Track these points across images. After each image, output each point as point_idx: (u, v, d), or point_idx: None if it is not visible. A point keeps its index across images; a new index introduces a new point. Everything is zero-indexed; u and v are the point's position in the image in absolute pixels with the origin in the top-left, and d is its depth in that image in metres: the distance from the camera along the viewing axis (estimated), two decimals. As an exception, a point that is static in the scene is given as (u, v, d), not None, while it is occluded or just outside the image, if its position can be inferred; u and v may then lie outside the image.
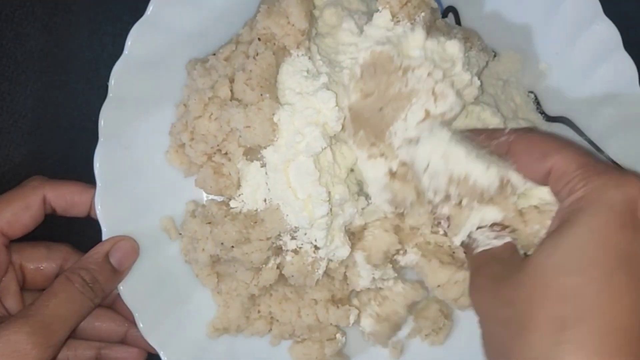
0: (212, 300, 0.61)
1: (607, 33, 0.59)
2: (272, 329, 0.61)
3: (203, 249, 0.57)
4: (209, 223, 0.57)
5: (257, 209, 0.57)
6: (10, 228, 0.58)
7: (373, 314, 0.61)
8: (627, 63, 0.59)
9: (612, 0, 0.59)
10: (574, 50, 0.61)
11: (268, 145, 0.54)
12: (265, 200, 0.57)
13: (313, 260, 0.57)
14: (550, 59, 0.62)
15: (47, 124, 0.67)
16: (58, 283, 0.55)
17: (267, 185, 0.56)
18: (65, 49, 0.67)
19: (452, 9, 0.63)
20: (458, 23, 0.64)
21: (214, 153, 0.57)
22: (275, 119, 0.53)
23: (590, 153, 0.48)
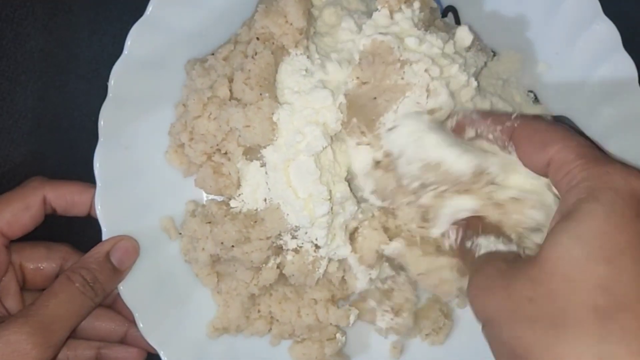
0: (212, 300, 0.61)
1: (607, 33, 0.59)
2: (272, 329, 0.61)
3: (203, 249, 0.57)
4: (209, 223, 0.57)
5: (257, 209, 0.57)
6: (10, 228, 0.58)
7: (388, 309, 0.61)
8: (627, 63, 0.59)
9: (612, 0, 0.59)
10: (574, 50, 0.61)
11: (268, 145, 0.54)
12: (266, 200, 0.57)
13: (314, 260, 0.57)
14: (550, 59, 0.62)
15: (47, 124, 0.67)
16: (58, 283, 0.55)
17: (267, 185, 0.56)
18: (65, 49, 0.67)
19: (451, 9, 0.63)
20: (458, 23, 0.64)
21: (214, 153, 0.57)
22: (275, 119, 0.54)
23: (593, 145, 0.47)
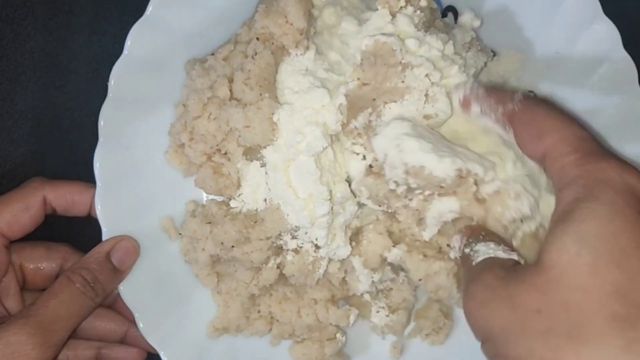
0: (212, 300, 0.61)
1: (607, 33, 0.59)
2: (272, 329, 0.61)
3: (203, 249, 0.57)
4: (209, 223, 0.57)
5: (257, 209, 0.57)
6: (10, 229, 0.58)
7: (384, 306, 0.61)
8: (627, 63, 0.59)
9: (612, 0, 0.59)
10: (574, 50, 0.61)
11: (268, 145, 0.54)
12: (266, 200, 0.56)
13: (314, 260, 0.57)
14: (550, 59, 0.62)
15: (47, 124, 0.67)
16: (59, 283, 0.55)
17: (267, 185, 0.56)
18: (65, 49, 0.67)
19: (451, 9, 0.63)
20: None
21: (214, 153, 0.57)
22: (275, 119, 0.53)
23: (589, 136, 0.45)
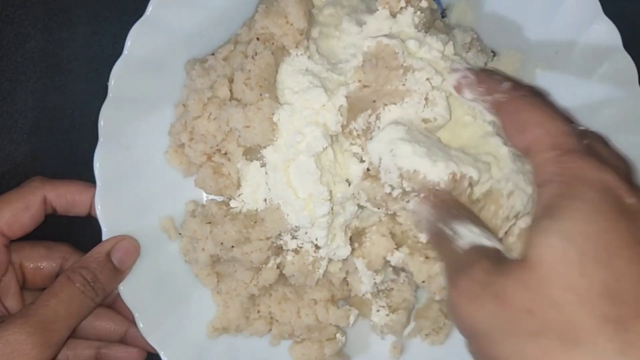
0: (212, 300, 0.61)
1: (607, 33, 0.59)
2: (271, 329, 0.61)
3: (203, 249, 0.57)
4: (209, 223, 0.57)
5: (257, 209, 0.57)
6: (10, 228, 0.58)
7: (384, 306, 0.61)
8: (627, 63, 0.59)
9: (612, 0, 0.59)
10: (574, 50, 0.61)
11: (268, 145, 0.54)
12: (266, 200, 0.56)
13: (314, 260, 0.57)
14: (550, 59, 0.62)
15: (47, 124, 0.67)
16: (59, 282, 0.55)
17: (267, 185, 0.56)
18: (65, 49, 0.67)
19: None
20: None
21: (214, 153, 0.57)
22: (275, 119, 0.53)
23: (571, 131, 0.45)
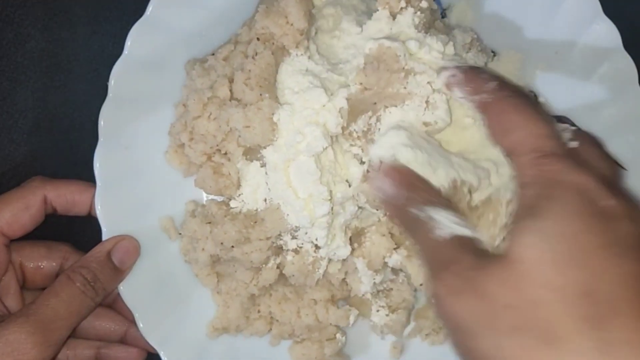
0: (212, 300, 0.61)
1: (607, 33, 0.59)
2: (271, 329, 0.61)
3: (203, 249, 0.57)
4: (209, 223, 0.57)
5: (257, 209, 0.57)
6: (10, 228, 0.58)
7: (384, 306, 0.61)
8: (627, 63, 0.59)
9: (612, 0, 0.59)
10: (574, 50, 0.61)
11: (268, 145, 0.54)
12: (266, 200, 0.56)
13: (314, 260, 0.57)
14: (551, 59, 0.62)
15: (47, 124, 0.67)
16: (59, 282, 0.55)
17: (267, 185, 0.56)
18: (65, 49, 0.67)
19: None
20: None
21: (214, 153, 0.57)
22: (275, 119, 0.53)
23: (553, 133, 0.45)
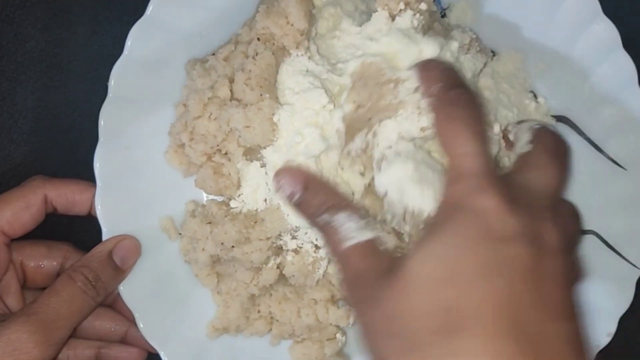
0: (212, 300, 0.61)
1: (606, 33, 0.59)
2: (272, 329, 0.61)
3: (203, 249, 0.57)
4: (209, 223, 0.57)
5: (257, 209, 0.57)
6: (11, 227, 0.58)
7: None
8: (626, 63, 0.59)
9: (611, 0, 0.59)
10: (574, 50, 0.61)
11: (268, 146, 0.54)
12: (266, 200, 0.57)
13: (314, 260, 0.57)
14: (550, 59, 0.62)
15: (47, 124, 0.67)
16: (60, 281, 0.55)
17: (267, 185, 0.56)
18: (65, 49, 0.67)
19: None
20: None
21: (214, 153, 0.57)
22: (275, 119, 0.53)
23: (474, 151, 0.46)
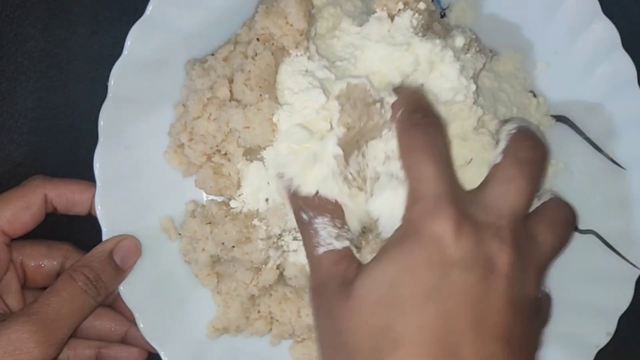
0: (212, 301, 0.61)
1: (606, 32, 0.59)
2: (272, 329, 0.61)
3: (203, 249, 0.57)
4: (209, 223, 0.57)
5: (257, 209, 0.57)
6: (11, 227, 0.58)
7: None
8: (626, 63, 0.59)
9: (611, 0, 0.59)
10: (573, 50, 0.61)
11: (267, 146, 0.54)
12: (267, 200, 0.57)
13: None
14: (550, 59, 0.62)
15: (47, 124, 0.67)
16: (61, 281, 0.55)
17: (268, 185, 0.56)
18: (65, 49, 0.67)
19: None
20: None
21: (214, 153, 0.57)
22: (275, 120, 0.53)
23: (433, 174, 0.47)
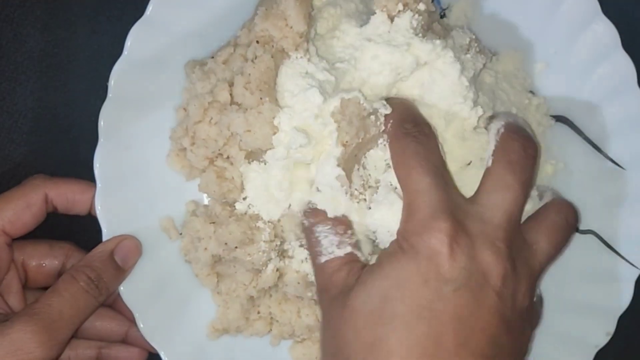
0: (212, 301, 0.61)
1: (606, 33, 0.59)
2: (272, 330, 0.61)
3: (205, 248, 0.57)
4: (213, 223, 0.57)
5: (259, 212, 0.57)
6: (12, 227, 0.58)
7: None
8: (626, 63, 0.59)
9: (611, 0, 0.59)
10: (573, 50, 0.61)
11: (269, 149, 0.54)
12: (290, 206, 0.57)
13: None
14: (550, 59, 0.62)
15: (47, 124, 0.67)
16: (62, 281, 0.55)
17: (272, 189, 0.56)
18: (65, 49, 0.67)
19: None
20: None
21: (216, 157, 0.57)
22: (276, 122, 0.53)
23: (427, 188, 0.48)
